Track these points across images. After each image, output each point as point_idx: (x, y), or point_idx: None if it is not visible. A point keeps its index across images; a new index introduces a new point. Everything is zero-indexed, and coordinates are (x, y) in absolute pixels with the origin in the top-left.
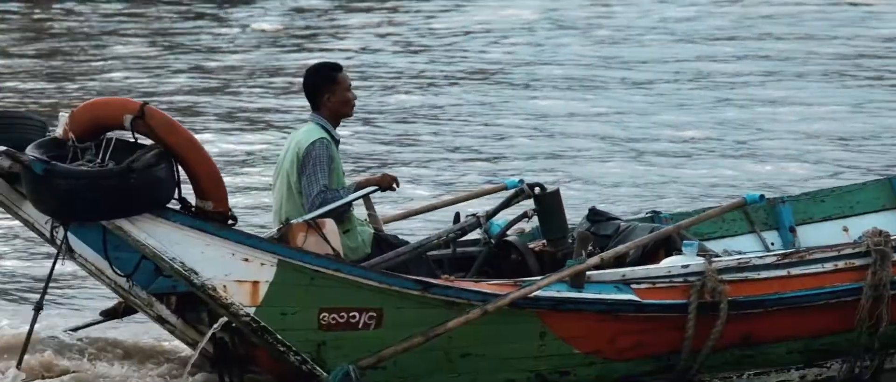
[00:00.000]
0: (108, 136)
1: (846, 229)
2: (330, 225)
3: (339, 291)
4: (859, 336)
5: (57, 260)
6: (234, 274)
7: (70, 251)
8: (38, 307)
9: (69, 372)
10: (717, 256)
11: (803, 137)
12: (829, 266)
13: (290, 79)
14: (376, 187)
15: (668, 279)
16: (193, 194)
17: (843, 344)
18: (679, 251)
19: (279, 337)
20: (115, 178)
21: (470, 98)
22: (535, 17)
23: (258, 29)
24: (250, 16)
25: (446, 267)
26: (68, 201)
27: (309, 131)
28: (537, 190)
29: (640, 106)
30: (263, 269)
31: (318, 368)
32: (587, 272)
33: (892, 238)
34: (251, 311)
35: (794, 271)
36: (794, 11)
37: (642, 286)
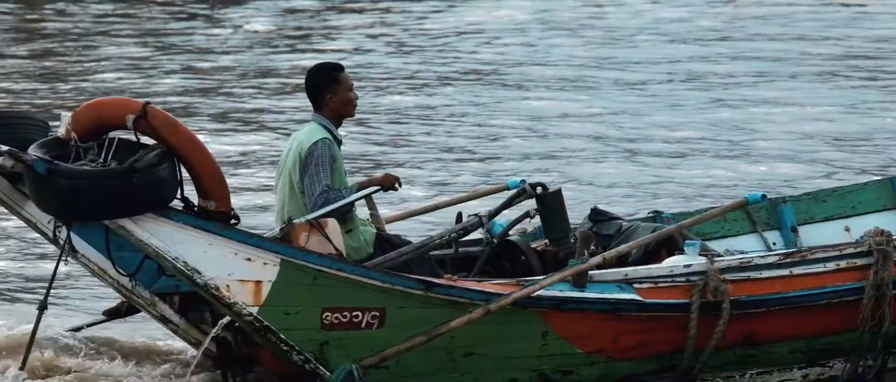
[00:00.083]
0: (110, 135)
1: (848, 229)
2: (332, 225)
3: (341, 290)
4: (862, 335)
5: (60, 260)
6: (237, 274)
7: (73, 251)
8: (43, 306)
9: (71, 372)
10: (719, 255)
11: (797, 138)
12: (831, 266)
13: (283, 80)
14: (379, 187)
15: (670, 279)
16: (196, 194)
17: (846, 344)
18: (681, 251)
19: (282, 337)
20: (118, 177)
21: (463, 99)
22: (527, 18)
23: (251, 30)
24: (243, 17)
25: (448, 267)
26: (71, 200)
27: (311, 131)
28: (539, 190)
29: (634, 106)
30: (266, 268)
31: (320, 367)
32: (589, 272)
33: (894, 238)
34: (254, 310)
35: (797, 270)
36: (786, 12)
37: (645, 285)
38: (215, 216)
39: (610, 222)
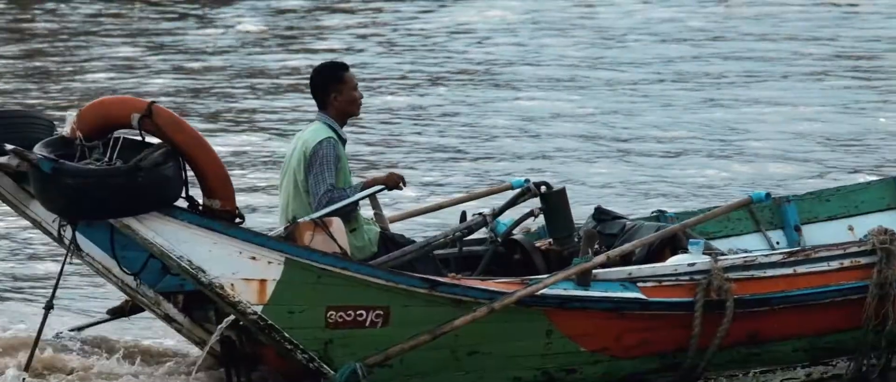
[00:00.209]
0: (115, 135)
1: (851, 229)
2: (337, 224)
3: (346, 289)
4: (865, 334)
5: (66, 259)
6: (242, 272)
7: (78, 250)
8: (49, 306)
9: (73, 372)
10: (723, 254)
11: (789, 138)
12: (834, 265)
13: (274, 80)
14: (383, 187)
15: (674, 278)
16: (201, 193)
17: (849, 342)
18: (685, 250)
19: (286, 335)
20: (123, 176)
21: (454, 99)
22: (518, 18)
23: (242, 30)
24: (234, 17)
25: (452, 266)
26: (76, 199)
27: (316, 131)
28: (543, 189)
29: (626, 106)
30: (271, 267)
31: (325, 366)
32: (593, 271)
33: None
34: (258, 309)
35: (800, 269)
36: (777, 12)
37: (648, 284)
38: (220, 215)
39: (613, 221)
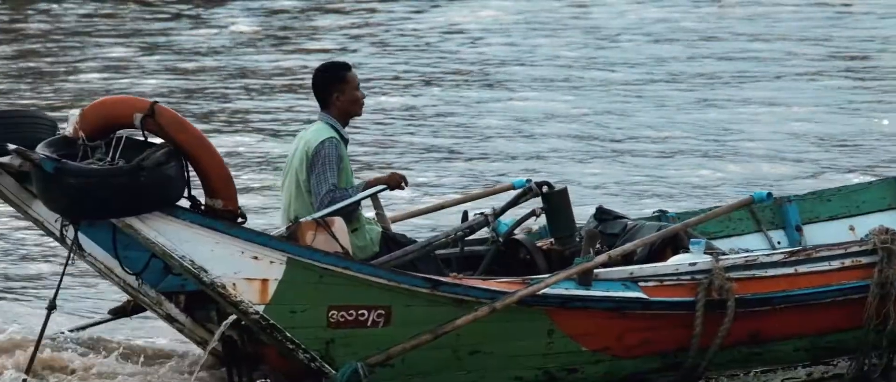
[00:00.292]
0: (118, 134)
1: (852, 228)
2: (339, 223)
3: (347, 289)
4: (867, 333)
5: (69, 259)
6: (244, 272)
7: (80, 250)
8: (51, 305)
9: (74, 372)
10: (724, 254)
11: (783, 138)
12: (835, 264)
13: (268, 81)
14: (385, 187)
15: (675, 277)
16: (203, 193)
17: (851, 342)
18: (686, 250)
19: (288, 335)
20: (126, 176)
21: (448, 99)
22: (512, 18)
23: (236, 30)
24: (227, 17)
25: (454, 266)
26: (79, 199)
27: (318, 130)
28: (545, 188)
29: (619, 106)
30: (273, 267)
31: (326, 366)
32: (595, 270)
33: None
34: (260, 309)
35: (801, 268)
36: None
37: (650, 283)
38: (222, 215)
39: (615, 220)
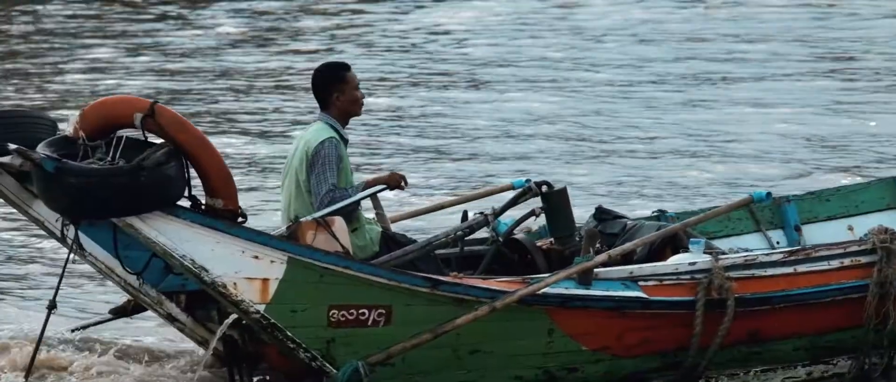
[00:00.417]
0: (118, 134)
1: (851, 228)
2: (339, 223)
3: (348, 288)
4: (866, 333)
5: (69, 259)
6: (245, 271)
7: (80, 250)
8: (51, 305)
9: (74, 372)
10: (723, 253)
11: (771, 138)
12: (835, 264)
13: (253, 81)
14: (385, 186)
15: (675, 277)
16: (203, 192)
17: (850, 341)
18: (686, 249)
19: (289, 334)
20: (126, 176)
21: (434, 99)
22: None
23: (222, 32)
24: (213, 18)
25: (454, 265)
26: (79, 199)
27: (318, 131)
28: (545, 188)
29: (607, 107)
30: (273, 266)
31: (327, 365)
32: (595, 270)
33: None
34: (261, 308)
35: (801, 268)
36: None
37: (650, 283)
38: (223, 214)
39: (614, 220)
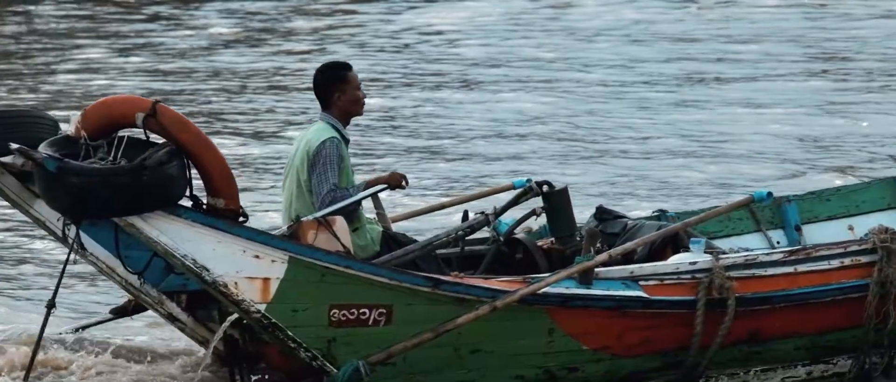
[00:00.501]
0: (119, 134)
1: (852, 228)
2: (340, 223)
3: (349, 288)
4: (867, 332)
5: (69, 259)
6: (246, 271)
7: (82, 249)
8: (50, 305)
9: (74, 372)
10: (724, 253)
11: (765, 138)
12: (835, 263)
13: (245, 81)
14: (386, 186)
15: (675, 276)
16: (205, 192)
17: (850, 341)
18: (686, 249)
19: (290, 334)
20: (128, 175)
21: (427, 100)
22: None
23: (215, 33)
24: (205, 19)
25: (455, 265)
26: (81, 198)
27: (319, 130)
28: (545, 188)
29: (601, 107)
30: (274, 266)
31: (328, 364)
32: (595, 269)
33: None
34: (262, 308)
35: (801, 267)
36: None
37: (650, 282)
38: (224, 214)
39: (615, 220)
